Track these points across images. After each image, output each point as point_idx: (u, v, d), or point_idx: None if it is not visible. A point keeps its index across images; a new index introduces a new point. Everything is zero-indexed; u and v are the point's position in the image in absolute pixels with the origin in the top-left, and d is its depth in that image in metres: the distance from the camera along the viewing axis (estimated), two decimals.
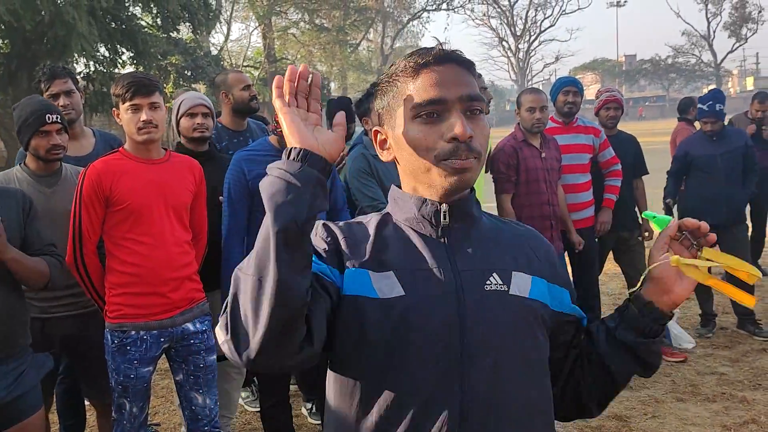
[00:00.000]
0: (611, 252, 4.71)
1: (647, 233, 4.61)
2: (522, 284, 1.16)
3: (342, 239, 1.16)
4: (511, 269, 1.16)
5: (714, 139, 4.81)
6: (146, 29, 15.48)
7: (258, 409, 3.95)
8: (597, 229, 4.41)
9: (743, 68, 79.40)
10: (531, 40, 61.41)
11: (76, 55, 13.13)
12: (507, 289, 1.14)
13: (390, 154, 1.20)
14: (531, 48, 61.75)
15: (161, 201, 2.58)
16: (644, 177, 4.74)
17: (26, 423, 2.29)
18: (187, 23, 16.02)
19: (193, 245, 2.75)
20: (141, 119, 2.52)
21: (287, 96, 1.05)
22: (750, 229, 5.61)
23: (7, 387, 2.24)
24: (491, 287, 1.13)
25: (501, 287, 1.13)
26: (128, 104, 2.54)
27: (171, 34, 17.02)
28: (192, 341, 2.67)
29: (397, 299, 1.09)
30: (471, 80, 1.14)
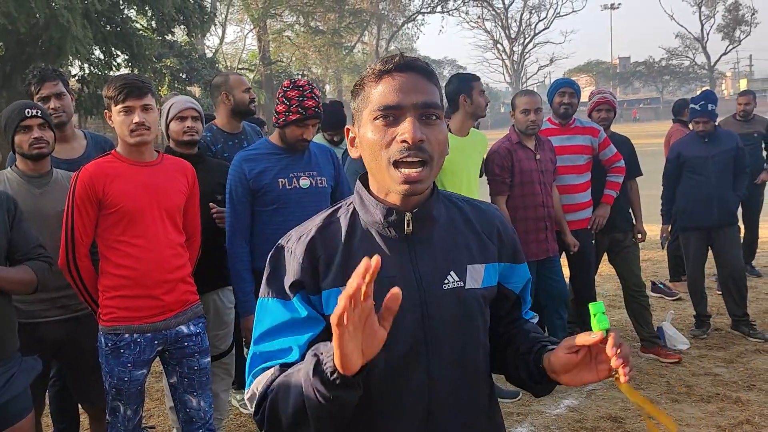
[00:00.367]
0: (605, 254, 4.72)
1: (640, 235, 4.62)
2: (476, 275, 1.29)
3: (320, 257, 1.25)
4: (466, 263, 1.28)
5: (706, 141, 4.82)
6: (141, 32, 15.42)
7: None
8: (591, 221, 4.40)
9: (737, 70, 79.71)
10: (525, 43, 61.59)
11: (71, 58, 13.08)
12: (463, 285, 1.26)
13: (357, 152, 1.29)
14: (525, 50, 61.94)
15: (154, 203, 2.57)
16: (638, 179, 4.76)
17: (16, 427, 2.27)
18: (182, 26, 15.96)
19: (187, 247, 2.74)
20: (133, 121, 2.51)
21: (345, 324, 0.96)
22: (742, 231, 5.66)
23: None
24: (449, 286, 1.25)
25: (458, 284, 1.26)
26: (120, 106, 2.52)
27: (166, 37, 16.97)
28: (186, 344, 2.66)
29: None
30: (429, 88, 1.22)
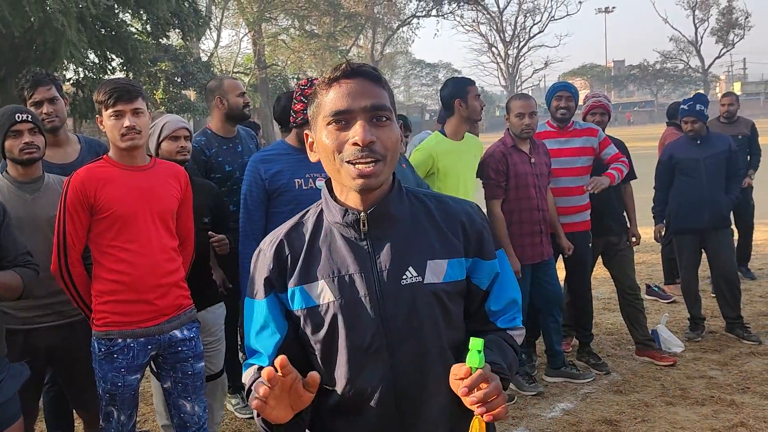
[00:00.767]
0: (600, 257, 4.73)
1: (634, 238, 4.63)
2: (437, 270, 1.33)
3: (287, 257, 1.36)
4: (427, 258, 1.33)
5: (698, 143, 4.84)
6: (136, 36, 15.40)
7: (248, 416, 3.93)
8: (588, 183, 4.31)
9: (730, 73, 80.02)
10: (520, 46, 61.66)
11: (66, 62, 13.05)
12: (422, 279, 1.31)
13: (316, 156, 1.35)
14: (520, 54, 61.98)
15: (146, 208, 2.56)
16: (632, 181, 4.77)
17: None
18: (177, 30, 15.95)
19: (180, 252, 2.73)
20: (124, 125, 2.50)
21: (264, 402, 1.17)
22: (735, 234, 5.67)
23: None
24: (407, 281, 1.31)
25: (416, 279, 1.31)
26: (111, 111, 2.51)
27: (161, 41, 16.95)
28: (180, 348, 2.65)
29: (330, 304, 1.31)
30: (377, 91, 1.29)
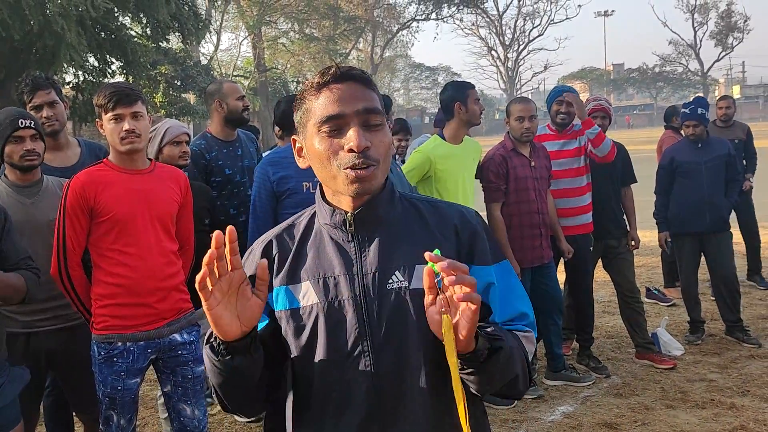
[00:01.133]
0: (600, 260, 4.73)
1: (633, 242, 4.63)
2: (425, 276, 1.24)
3: (274, 257, 1.34)
4: (415, 262, 1.26)
5: (699, 146, 4.85)
6: (136, 39, 15.41)
7: (248, 420, 3.93)
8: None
9: (730, 77, 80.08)
10: (520, 50, 61.74)
11: (66, 65, 13.06)
12: (408, 284, 1.26)
13: (306, 162, 1.33)
14: (520, 57, 62.06)
15: (146, 211, 2.56)
16: (632, 185, 4.77)
17: None
18: (177, 33, 15.96)
19: (180, 255, 2.73)
20: (123, 129, 2.51)
21: (209, 288, 1.12)
22: (739, 238, 5.67)
23: None
24: (392, 285, 1.26)
25: (402, 283, 1.26)
26: (110, 114, 2.52)
27: (161, 44, 16.97)
28: (180, 352, 2.65)
29: (314, 306, 1.28)
30: (369, 95, 1.25)
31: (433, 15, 46.79)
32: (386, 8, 44.97)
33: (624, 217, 4.69)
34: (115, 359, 2.52)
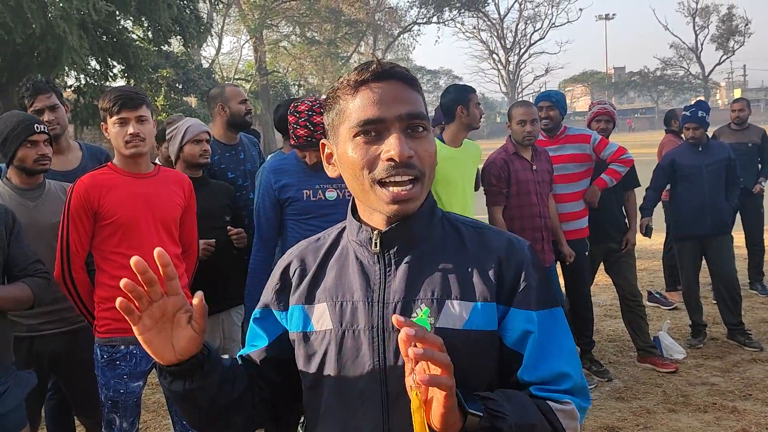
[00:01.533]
0: (602, 263, 4.73)
1: (627, 243, 4.60)
2: (456, 314, 1.09)
3: (293, 274, 1.22)
4: (446, 298, 1.09)
5: (700, 150, 4.85)
6: (137, 42, 15.47)
7: None
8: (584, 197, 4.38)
9: (731, 80, 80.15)
10: (521, 53, 61.85)
11: (67, 68, 13.11)
12: (434, 322, 1.08)
13: (336, 170, 1.17)
14: (521, 60, 62.17)
15: (150, 215, 2.57)
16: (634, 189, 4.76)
17: None
18: (179, 36, 16.02)
19: (183, 259, 2.74)
20: (128, 132, 2.52)
21: (136, 314, 1.06)
22: (741, 241, 5.64)
23: None
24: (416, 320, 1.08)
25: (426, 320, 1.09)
26: (115, 118, 2.54)
27: (162, 48, 17.04)
28: None
29: (327, 332, 1.14)
30: (413, 97, 1.10)
31: (435, 18, 46.88)
32: (387, 11, 45.06)
33: (626, 221, 4.69)
34: (118, 362, 2.52)
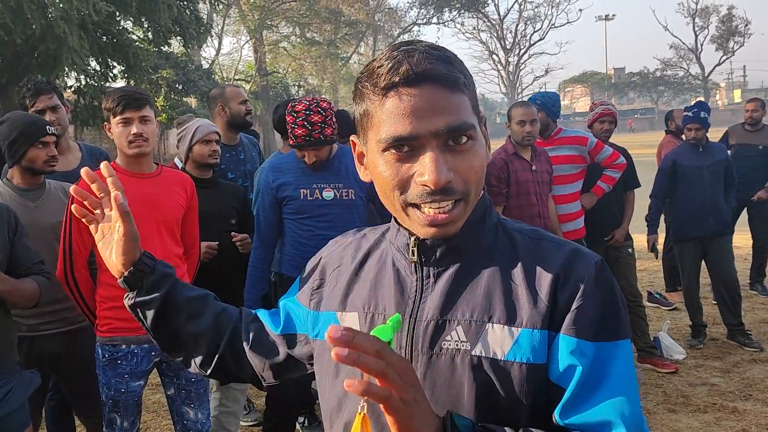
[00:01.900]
0: None
1: (614, 239, 4.56)
2: (496, 340, 0.93)
3: (330, 274, 1.13)
4: (487, 320, 0.94)
5: (701, 151, 4.86)
6: (137, 43, 15.48)
7: (250, 424, 3.93)
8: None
9: (731, 81, 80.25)
10: (521, 54, 61.86)
11: (67, 69, 13.12)
12: (469, 348, 0.93)
13: (368, 175, 1.02)
14: (521, 61, 62.17)
15: (152, 215, 2.58)
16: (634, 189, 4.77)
17: None
18: (179, 37, 16.03)
19: (185, 259, 2.75)
20: (131, 132, 2.53)
21: (90, 216, 1.15)
22: (746, 247, 5.60)
23: None
24: (448, 345, 0.94)
25: (461, 345, 0.94)
26: (119, 118, 2.55)
27: (162, 48, 17.06)
28: None
29: None
30: (454, 103, 0.91)
31: (435, 19, 47.01)
32: (387, 12, 45.12)
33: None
34: (119, 362, 2.52)
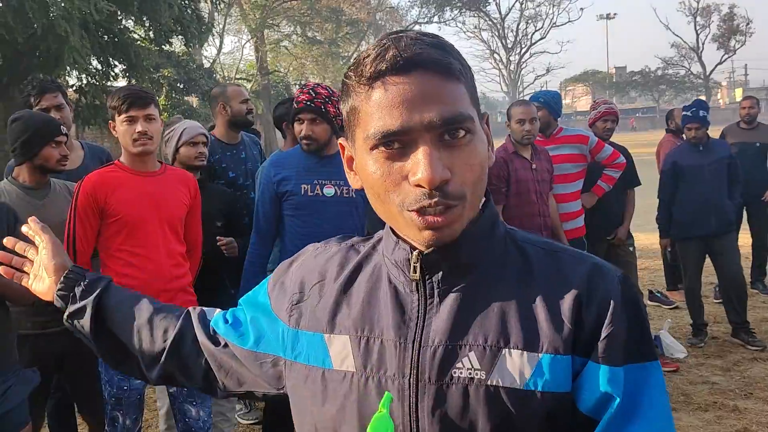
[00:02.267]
0: None
1: (615, 237, 4.58)
2: (515, 369, 0.82)
3: (310, 288, 0.98)
4: (503, 345, 0.83)
5: (701, 149, 4.86)
6: (139, 42, 15.48)
7: (251, 422, 3.94)
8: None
9: (732, 80, 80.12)
10: (522, 53, 61.83)
11: (69, 68, 13.12)
12: (484, 377, 0.82)
13: (359, 181, 0.90)
14: (522, 60, 62.16)
15: (155, 213, 2.60)
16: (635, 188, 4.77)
17: None
18: (180, 36, 16.02)
19: (188, 258, 2.76)
20: (136, 131, 2.55)
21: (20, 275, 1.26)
22: (747, 246, 5.57)
23: None
24: (460, 373, 0.83)
25: (474, 373, 0.82)
26: (124, 116, 2.57)
27: (164, 47, 17.02)
28: None
29: (348, 374, 0.89)
30: (449, 92, 0.81)
31: (436, 18, 47.06)
32: (388, 11, 45.08)
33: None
34: None
